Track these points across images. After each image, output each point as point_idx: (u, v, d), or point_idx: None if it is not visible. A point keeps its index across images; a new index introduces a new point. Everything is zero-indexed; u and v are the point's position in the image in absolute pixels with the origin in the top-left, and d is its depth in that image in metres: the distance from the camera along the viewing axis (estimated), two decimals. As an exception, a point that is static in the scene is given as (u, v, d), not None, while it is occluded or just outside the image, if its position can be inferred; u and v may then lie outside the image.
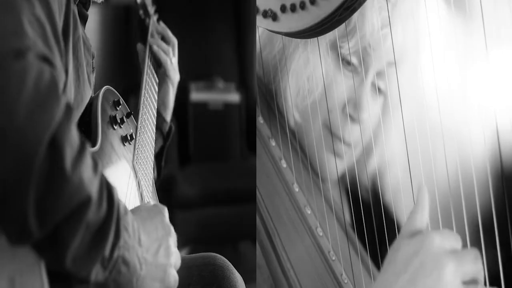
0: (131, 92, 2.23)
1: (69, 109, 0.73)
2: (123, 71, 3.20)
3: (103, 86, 1.09)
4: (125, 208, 0.81)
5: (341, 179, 1.26)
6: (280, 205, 1.15)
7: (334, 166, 1.21)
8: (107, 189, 0.77)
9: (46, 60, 0.74)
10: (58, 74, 0.76)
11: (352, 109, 1.19)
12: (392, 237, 0.92)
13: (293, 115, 1.21)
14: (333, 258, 1.16)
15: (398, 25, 1.16)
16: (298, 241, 1.12)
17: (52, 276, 0.75)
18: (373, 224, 1.13)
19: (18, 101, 0.68)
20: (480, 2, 1.02)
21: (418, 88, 1.19)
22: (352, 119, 1.19)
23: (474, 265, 0.84)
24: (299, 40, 1.17)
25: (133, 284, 0.82)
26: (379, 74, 1.20)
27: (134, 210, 0.88)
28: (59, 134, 0.70)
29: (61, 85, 0.75)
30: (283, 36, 1.18)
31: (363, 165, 1.23)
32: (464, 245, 1.09)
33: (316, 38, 1.14)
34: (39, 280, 0.73)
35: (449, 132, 1.11)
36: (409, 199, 1.09)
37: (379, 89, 1.21)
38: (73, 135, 0.73)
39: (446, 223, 1.06)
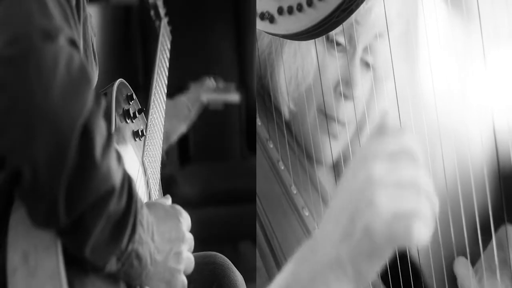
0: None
1: (98, 97, 0.73)
2: (123, 71, 3.20)
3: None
4: (142, 202, 0.80)
5: (336, 164, 1.26)
6: (278, 207, 1.15)
7: (329, 149, 1.20)
8: (128, 181, 0.76)
9: (74, 44, 0.73)
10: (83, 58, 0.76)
11: (345, 87, 1.18)
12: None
13: (288, 104, 1.21)
14: (331, 260, 1.16)
15: None
16: (296, 244, 1.12)
17: (69, 257, 0.74)
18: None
19: (52, 84, 0.68)
20: (477, 2, 1.03)
21: (415, 81, 1.20)
22: (346, 96, 1.18)
23: (414, 168, 0.70)
24: None
25: (142, 278, 0.82)
26: (367, 48, 1.18)
27: (151, 206, 0.88)
28: (90, 121, 0.70)
29: (89, 69, 0.74)
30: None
31: (357, 145, 1.22)
32: (463, 246, 1.10)
33: None
34: (55, 258, 0.73)
35: (446, 132, 1.12)
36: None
37: (367, 63, 1.20)
38: (102, 124, 0.72)
39: (444, 223, 1.06)
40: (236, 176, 3.05)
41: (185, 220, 0.91)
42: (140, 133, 1.08)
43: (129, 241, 0.77)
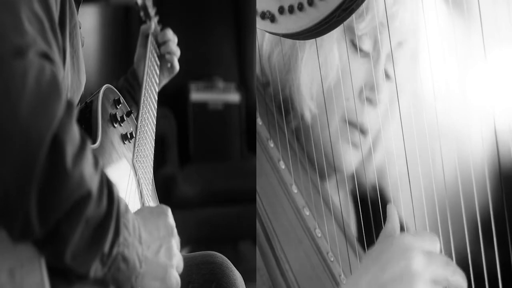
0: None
1: (70, 105, 0.74)
2: (123, 71, 3.20)
3: (104, 85, 1.10)
4: (126, 206, 0.81)
5: (350, 177, 1.26)
6: (278, 207, 1.15)
7: (350, 158, 1.21)
8: (107, 186, 0.77)
9: (46, 56, 0.75)
10: (58, 69, 0.77)
11: (369, 92, 1.19)
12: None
13: (309, 106, 1.20)
14: (332, 259, 1.16)
15: (407, 4, 1.16)
16: (297, 243, 1.12)
17: (52, 269, 0.75)
18: (371, 224, 1.13)
19: (20, 100, 0.69)
20: (478, 2, 1.03)
21: (416, 82, 1.20)
22: (370, 101, 1.19)
23: (445, 268, 0.84)
24: None
25: (132, 281, 0.82)
26: (389, 56, 1.19)
27: (137, 211, 0.89)
28: (60, 131, 0.70)
29: (61, 81, 0.75)
30: None
31: (368, 161, 1.23)
32: (464, 245, 1.10)
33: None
34: (38, 272, 0.74)
35: (447, 133, 1.12)
36: (407, 199, 1.10)
37: (387, 74, 1.20)
38: (74, 132, 0.73)
39: (444, 223, 1.06)
40: (236, 176, 3.05)
41: (171, 216, 0.92)
42: (129, 136, 1.09)
43: (112, 245, 0.77)
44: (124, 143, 1.07)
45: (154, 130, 1.24)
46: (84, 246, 0.74)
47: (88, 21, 3.13)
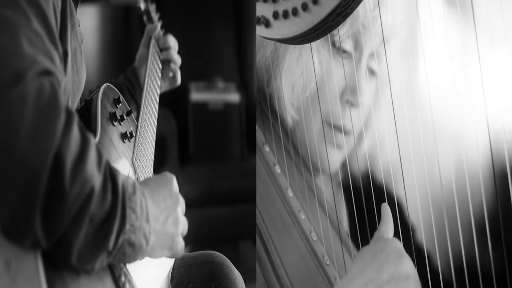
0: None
1: (69, 114, 0.74)
2: (122, 72, 3.20)
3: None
4: (134, 185, 0.82)
5: (339, 172, 1.26)
6: (274, 211, 1.16)
7: (334, 159, 1.22)
8: (111, 179, 0.78)
9: (46, 72, 0.76)
10: (59, 78, 0.78)
11: (351, 94, 1.20)
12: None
13: (290, 112, 1.21)
14: (327, 263, 1.16)
15: (388, 5, 1.17)
16: (292, 246, 1.13)
17: (47, 260, 0.76)
18: (366, 226, 1.14)
19: (21, 127, 0.70)
20: (471, 1, 1.03)
21: (410, 77, 1.20)
22: (352, 104, 1.20)
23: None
24: None
25: (138, 258, 0.84)
26: (373, 54, 1.20)
27: (143, 182, 0.91)
28: (61, 149, 0.72)
29: (60, 93, 0.76)
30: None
31: (357, 156, 1.23)
32: (458, 245, 1.11)
33: None
34: (34, 263, 0.75)
35: (442, 133, 1.12)
36: (401, 194, 1.11)
37: (372, 71, 1.21)
38: (74, 138, 0.74)
39: (439, 223, 1.07)
40: (236, 176, 3.05)
41: (176, 183, 0.94)
42: (129, 135, 1.09)
43: (118, 236, 0.78)
44: (124, 142, 1.08)
45: (155, 131, 1.25)
46: (89, 245, 0.76)
47: (88, 21, 3.14)
